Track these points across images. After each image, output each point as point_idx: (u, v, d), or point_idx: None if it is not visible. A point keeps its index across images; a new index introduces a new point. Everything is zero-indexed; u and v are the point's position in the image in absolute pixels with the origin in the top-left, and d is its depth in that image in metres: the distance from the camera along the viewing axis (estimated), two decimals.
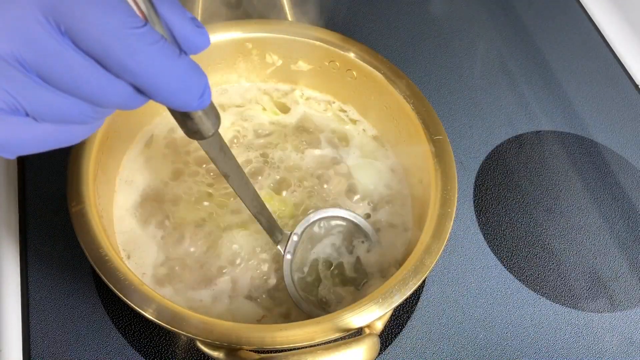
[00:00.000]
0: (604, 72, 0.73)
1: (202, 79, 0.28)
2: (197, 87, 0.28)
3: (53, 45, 0.24)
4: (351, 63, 0.55)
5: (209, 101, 0.29)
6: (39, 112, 0.26)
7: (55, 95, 0.26)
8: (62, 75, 0.25)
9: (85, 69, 0.25)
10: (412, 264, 0.43)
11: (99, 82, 0.25)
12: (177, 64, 0.26)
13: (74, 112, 0.26)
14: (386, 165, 0.55)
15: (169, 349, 0.49)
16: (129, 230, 0.50)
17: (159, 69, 0.25)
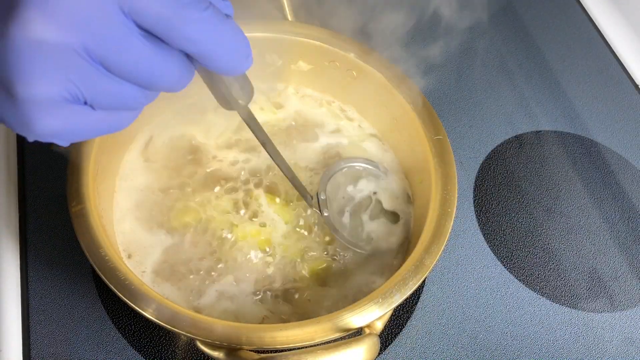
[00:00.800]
0: (604, 72, 0.73)
1: (247, 39, 0.29)
2: (245, 47, 0.29)
3: (122, 31, 0.26)
4: (351, 63, 0.55)
5: (252, 61, 0.30)
6: (98, 101, 0.27)
7: (116, 83, 0.27)
8: (127, 61, 0.26)
9: (147, 52, 0.26)
10: (412, 264, 0.43)
11: (158, 63, 0.27)
12: (227, 27, 0.27)
13: (129, 99, 0.28)
14: (386, 164, 0.55)
15: (169, 349, 0.49)
16: (129, 230, 0.50)
17: (214, 33, 0.27)
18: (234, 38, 0.28)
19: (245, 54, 0.29)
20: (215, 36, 0.27)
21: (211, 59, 0.28)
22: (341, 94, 0.58)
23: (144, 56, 0.26)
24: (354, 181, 0.53)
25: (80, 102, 0.27)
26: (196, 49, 0.27)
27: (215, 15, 0.27)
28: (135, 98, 0.28)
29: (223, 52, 0.28)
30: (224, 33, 0.27)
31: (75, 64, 0.26)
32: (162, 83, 0.28)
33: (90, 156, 0.46)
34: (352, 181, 0.53)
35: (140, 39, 0.26)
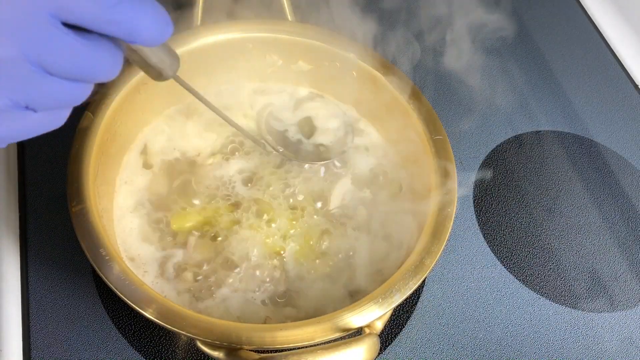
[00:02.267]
0: (604, 72, 0.73)
1: (163, 9, 0.31)
2: (163, 16, 0.30)
3: (55, 33, 0.27)
4: (351, 63, 0.55)
5: (173, 28, 0.32)
6: (40, 103, 0.28)
7: (56, 83, 0.28)
8: (64, 59, 0.28)
9: (80, 46, 0.28)
10: (412, 264, 0.43)
11: (92, 55, 0.28)
12: (143, 3, 0.29)
13: (69, 96, 0.29)
14: (386, 164, 0.55)
15: (169, 349, 0.49)
16: (129, 230, 0.50)
17: (132, 12, 0.28)
18: (151, 10, 0.29)
19: (165, 22, 0.30)
20: (134, 13, 0.28)
21: (136, 34, 0.29)
22: (341, 94, 0.58)
23: (78, 51, 0.28)
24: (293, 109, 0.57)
25: (21, 108, 0.28)
26: (121, 29, 0.29)
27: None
28: (74, 94, 0.29)
29: (145, 26, 0.29)
30: (141, 8, 0.29)
31: (18, 73, 0.27)
32: (99, 73, 0.29)
33: (91, 156, 0.46)
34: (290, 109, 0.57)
35: (71, 36, 0.27)
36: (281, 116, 0.56)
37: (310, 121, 0.56)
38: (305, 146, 0.54)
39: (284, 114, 0.56)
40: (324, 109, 0.57)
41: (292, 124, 0.55)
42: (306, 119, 0.56)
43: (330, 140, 0.55)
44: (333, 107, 0.57)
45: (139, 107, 0.52)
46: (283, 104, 0.57)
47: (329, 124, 0.56)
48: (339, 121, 0.56)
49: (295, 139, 0.55)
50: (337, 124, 0.56)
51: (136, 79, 0.50)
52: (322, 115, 0.56)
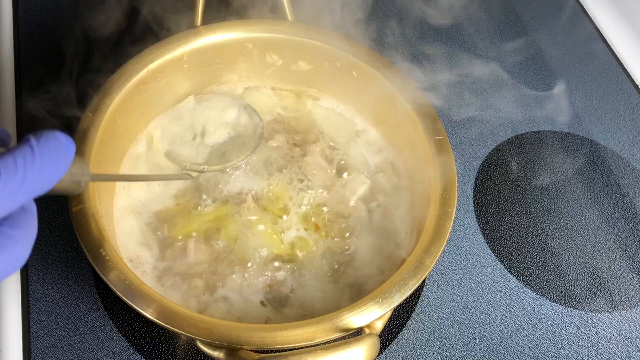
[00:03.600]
0: (604, 72, 0.73)
1: (58, 140, 0.31)
2: (58, 156, 0.31)
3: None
4: (351, 63, 0.55)
5: (73, 153, 0.33)
6: None
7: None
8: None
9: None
10: (412, 264, 0.43)
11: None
12: (36, 164, 0.30)
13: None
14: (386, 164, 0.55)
15: (169, 349, 0.49)
16: (129, 230, 0.50)
17: (39, 169, 0.31)
18: (47, 163, 0.31)
19: (63, 161, 0.32)
20: (39, 173, 0.30)
21: (46, 188, 0.32)
22: (341, 94, 0.58)
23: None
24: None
25: None
26: (34, 192, 0.31)
27: (24, 161, 0.30)
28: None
29: (47, 181, 0.32)
30: (38, 171, 0.30)
31: None
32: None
33: (90, 156, 0.46)
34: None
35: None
36: (181, 140, 0.54)
37: (206, 127, 0.55)
38: (220, 151, 0.53)
39: (181, 137, 0.54)
40: (211, 109, 0.55)
41: (193, 142, 0.54)
42: (202, 129, 0.54)
43: (238, 132, 0.54)
44: (219, 101, 0.56)
45: (139, 107, 0.52)
46: (174, 130, 0.55)
47: (225, 118, 0.55)
48: (234, 110, 0.55)
49: (207, 151, 0.53)
50: (233, 115, 0.55)
51: (136, 79, 0.51)
52: (213, 115, 0.55)
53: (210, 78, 0.57)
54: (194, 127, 0.54)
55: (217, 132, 0.54)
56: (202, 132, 0.54)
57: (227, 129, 0.54)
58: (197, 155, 0.53)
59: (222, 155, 0.53)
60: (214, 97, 0.56)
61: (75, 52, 0.66)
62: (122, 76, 0.50)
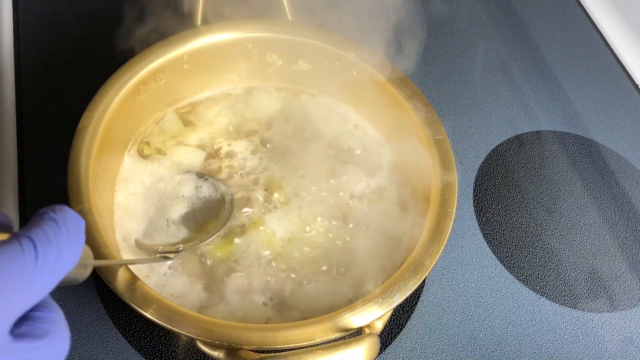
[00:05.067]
0: (604, 72, 0.73)
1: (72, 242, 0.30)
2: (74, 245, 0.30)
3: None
4: (351, 63, 0.55)
5: (76, 260, 0.31)
6: None
7: None
8: None
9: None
10: (412, 264, 0.43)
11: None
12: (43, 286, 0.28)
13: None
14: (386, 164, 0.55)
15: (169, 349, 0.49)
16: (129, 230, 0.50)
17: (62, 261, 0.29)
18: (74, 235, 0.29)
19: (82, 232, 0.30)
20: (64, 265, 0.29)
21: (74, 263, 0.30)
22: (341, 94, 0.58)
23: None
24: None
25: None
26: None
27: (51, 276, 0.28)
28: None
29: (75, 254, 0.30)
30: (67, 244, 0.29)
31: None
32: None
33: (91, 156, 0.46)
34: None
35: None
36: (142, 224, 0.50)
37: (165, 203, 0.51)
38: (191, 221, 0.50)
39: (143, 220, 0.50)
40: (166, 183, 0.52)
41: (156, 223, 0.50)
42: (162, 207, 0.50)
43: (202, 203, 0.50)
44: (173, 175, 0.52)
45: (139, 107, 0.52)
46: (134, 211, 0.51)
47: (181, 192, 0.51)
48: (190, 185, 0.51)
49: (175, 227, 0.50)
50: (189, 190, 0.51)
51: (136, 79, 0.51)
52: (169, 189, 0.51)
53: (210, 78, 0.57)
54: (155, 207, 0.51)
55: (177, 205, 0.51)
56: (162, 209, 0.50)
57: (187, 202, 0.51)
58: (167, 236, 0.49)
59: (195, 224, 0.49)
60: (166, 171, 0.52)
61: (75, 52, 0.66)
62: (122, 76, 0.50)
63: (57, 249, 0.28)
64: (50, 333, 0.28)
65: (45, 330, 0.28)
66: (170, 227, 0.49)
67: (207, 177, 0.52)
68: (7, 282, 0.26)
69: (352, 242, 0.50)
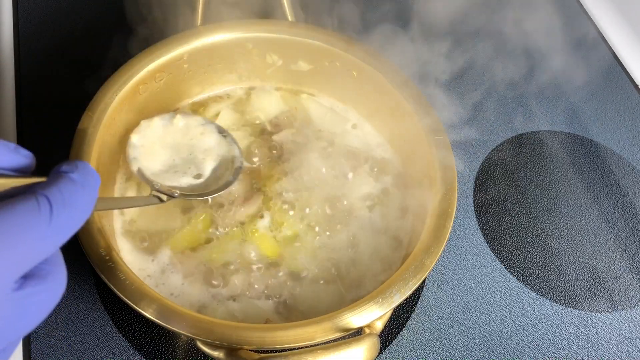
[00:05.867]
0: (604, 72, 0.73)
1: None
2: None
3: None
4: (351, 63, 0.55)
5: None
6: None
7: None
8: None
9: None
10: (412, 264, 0.43)
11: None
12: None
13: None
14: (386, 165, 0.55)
15: (169, 349, 0.49)
16: (129, 230, 0.50)
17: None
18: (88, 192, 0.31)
19: (95, 189, 0.32)
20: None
21: (86, 216, 0.31)
22: (341, 94, 0.58)
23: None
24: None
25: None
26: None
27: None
28: None
29: (87, 209, 0.31)
30: (82, 199, 0.31)
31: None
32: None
33: (91, 156, 0.46)
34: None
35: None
36: (154, 157, 0.49)
37: (181, 149, 0.50)
38: (194, 175, 0.49)
39: (156, 154, 0.50)
40: (190, 130, 0.51)
41: (166, 162, 0.49)
42: (178, 150, 0.50)
43: (215, 160, 0.50)
44: (197, 124, 0.51)
45: (139, 107, 0.52)
46: (150, 143, 0.50)
47: (204, 144, 0.51)
48: (214, 136, 0.51)
49: (179, 174, 0.49)
50: (212, 141, 0.51)
51: (136, 79, 0.51)
52: (194, 139, 0.51)
53: (210, 78, 0.57)
54: (171, 146, 0.50)
55: (194, 156, 0.50)
56: (177, 153, 0.50)
57: (205, 155, 0.50)
58: (170, 178, 0.48)
59: (196, 180, 0.48)
60: (192, 117, 0.52)
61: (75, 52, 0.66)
62: (122, 76, 0.50)
63: (71, 210, 0.29)
64: (50, 276, 0.29)
65: (46, 272, 0.29)
66: (177, 172, 0.49)
67: (226, 135, 0.51)
68: (21, 237, 0.27)
69: (351, 242, 0.50)
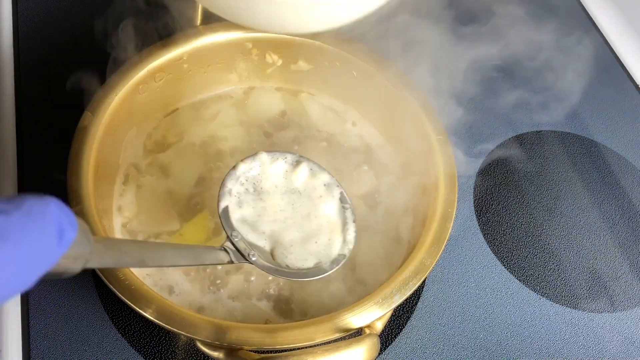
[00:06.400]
0: (604, 72, 0.73)
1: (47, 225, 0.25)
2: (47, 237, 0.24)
3: None
4: (351, 63, 0.55)
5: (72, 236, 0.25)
6: None
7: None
8: None
9: None
10: (412, 264, 0.43)
11: None
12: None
13: None
14: (386, 165, 0.55)
15: (169, 349, 0.49)
16: (129, 230, 0.50)
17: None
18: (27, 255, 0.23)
19: (51, 250, 0.24)
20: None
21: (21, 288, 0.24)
22: (341, 94, 0.58)
23: None
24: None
25: None
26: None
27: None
28: None
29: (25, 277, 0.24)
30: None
31: None
32: None
33: (90, 156, 0.46)
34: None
35: None
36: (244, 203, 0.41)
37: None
38: (276, 239, 0.42)
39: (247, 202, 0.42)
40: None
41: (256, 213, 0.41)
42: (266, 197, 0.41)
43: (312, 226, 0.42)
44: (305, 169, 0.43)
45: (139, 107, 0.52)
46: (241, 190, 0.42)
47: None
48: (335, 205, 0.43)
49: (266, 235, 0.41)
50: (332, 209, 0.43)
51: (136, 79, 0.51)
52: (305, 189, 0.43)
53: (210, 78, 0.57)
54: (280, 197, 0.42)
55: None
56: (279, 208, 0.41)
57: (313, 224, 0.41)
58: (255, 235, 0.40)
59: (279, 246, 0.41)
60: (319, 171, 0.43)
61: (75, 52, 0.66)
62: (122, 76, 0.50)
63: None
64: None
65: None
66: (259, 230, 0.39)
67: (348, 207, 0.43)
68: None
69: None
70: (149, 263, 0.35)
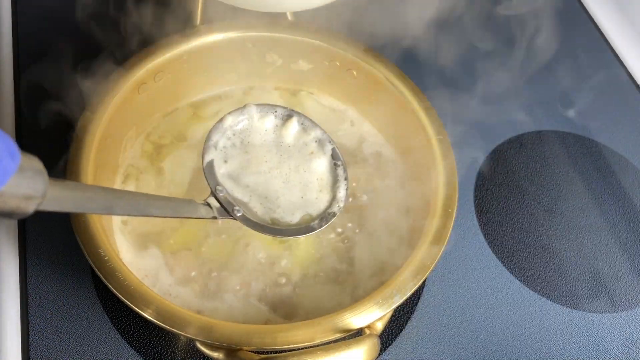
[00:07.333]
0: (604, 72, 0.73)
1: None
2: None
3: None
4: (351, 63, 0.54)
5: (18, 158, 0.24)
6: None
7: None
8: None
9: None
10: (413, 265, 0.43)
11: None
12: None
13: None
14: (386, 165, 0.55)
15: (168, 350, 0.48)
16: (128, 230, 0.50)
17: None
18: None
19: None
20: None
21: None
22: (341, 93, 0.58)
23: None
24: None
25: None
26: None
27: None
28: None
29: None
30: None
31: None
32: None
33: (90, 156, 0.46)
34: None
35: None
36: (231, 158, 0.41)
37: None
38: (264, 194, 0.41)
39: (234, 156, 0.41)
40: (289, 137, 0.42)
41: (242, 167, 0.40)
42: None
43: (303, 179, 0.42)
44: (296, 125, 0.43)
45: (139, 107, 0.52)
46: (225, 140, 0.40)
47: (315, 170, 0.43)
48: (325, 162, 0.43)
49: (250, 187, 0.40)
50: (323, 166, 0.43)
51: (136, 78, 0.50)
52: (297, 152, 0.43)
53: (210, 78, 0.57)
54: (267, 151, 0.40)
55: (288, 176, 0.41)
56: (268, 161, 0.40)
57: (302, 179, 0.41)
58: (241, 190, 0.39)
59: (264, 200, 0.39)
60: (312, 127, 0.42)
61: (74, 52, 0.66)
62: (121, 76, 0.50)
63: None
64: None
65: None
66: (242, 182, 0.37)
67: (340, 164, 0.42)
68: None
69: (352, 242, 0.50)
70: (117, 211, 0.33)
